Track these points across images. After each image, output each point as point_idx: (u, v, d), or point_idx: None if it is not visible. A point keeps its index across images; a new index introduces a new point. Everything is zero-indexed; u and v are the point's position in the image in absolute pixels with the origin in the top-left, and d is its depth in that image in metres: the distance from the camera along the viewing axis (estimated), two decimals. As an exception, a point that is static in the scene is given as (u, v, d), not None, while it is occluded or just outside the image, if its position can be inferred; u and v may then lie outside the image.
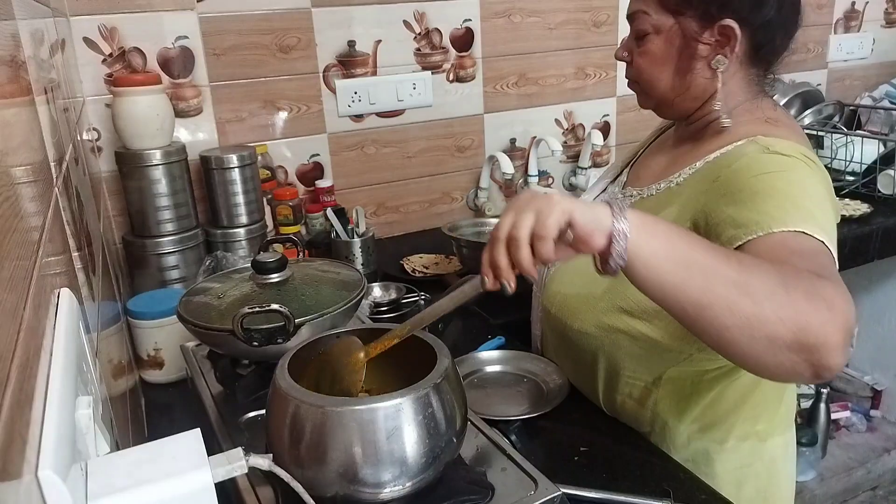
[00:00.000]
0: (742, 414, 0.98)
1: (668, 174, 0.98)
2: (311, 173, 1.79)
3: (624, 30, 2.04)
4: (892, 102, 2.44)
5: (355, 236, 1.59)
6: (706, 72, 0.90)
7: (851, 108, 2.30)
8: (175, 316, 0.96)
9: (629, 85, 1.00)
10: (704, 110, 0.93)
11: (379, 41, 1.77)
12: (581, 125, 2.12)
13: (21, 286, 0.43)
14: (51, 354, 0.46)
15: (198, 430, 0.50)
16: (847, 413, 2.44)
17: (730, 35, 0.87)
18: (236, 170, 1.51)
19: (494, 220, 1.65)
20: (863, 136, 1.98)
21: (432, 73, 1.85)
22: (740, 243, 0.78)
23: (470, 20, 1.86)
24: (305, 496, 0.60)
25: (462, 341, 1.24)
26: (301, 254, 1.21)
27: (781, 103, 2.22)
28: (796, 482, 1.11)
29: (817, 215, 0.78)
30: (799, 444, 1.79)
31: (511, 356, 1.16)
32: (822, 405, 2.25)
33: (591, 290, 0.98)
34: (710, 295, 0.65)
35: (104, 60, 1.51)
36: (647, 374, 0.98)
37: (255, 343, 0.86)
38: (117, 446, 0.66)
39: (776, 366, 0.66)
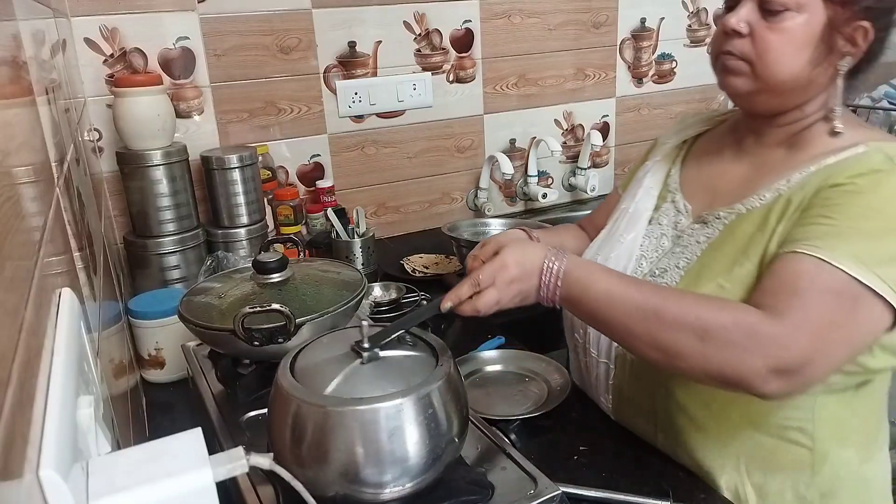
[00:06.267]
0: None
1: (764, 183, 0.88)
2: (312, 174, 1.79)
3: (624, 30, 2.06)
4: (891, 103, 2.44)
5: (356, 236, 1.59)
6: (831, 69, 0.84)
7: (850, 108, 2.29)
8: (176, 315, 0.97)
9: (730, 62, 0.86)
10: (805, 111, 0.87)
11: (379, 42, 1.77)
12: (580, 126, 2.12)
13: (22, 286, 0.43)
14: (52, 354, 0.46)
15: (199, 430, 0.50)
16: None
17: (860, 38, 0.82)
18: (237, 170, 1.51)
19: (494, 221, 1.66)
20: (862, 137, 1.97)
21: (432, 73, 1.85)
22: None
23: (470, 21, 1.86)
24: (306, 495, 0.60)
25: (462, 341, 1.25)
26: (302, 254, 1.21)
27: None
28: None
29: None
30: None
31: (511, 356, 1.16)
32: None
33: None
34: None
35: (105, 61, 1.51)
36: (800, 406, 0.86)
37: (256, 342, 0.86)
38: (118, 445, 0.66)
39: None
